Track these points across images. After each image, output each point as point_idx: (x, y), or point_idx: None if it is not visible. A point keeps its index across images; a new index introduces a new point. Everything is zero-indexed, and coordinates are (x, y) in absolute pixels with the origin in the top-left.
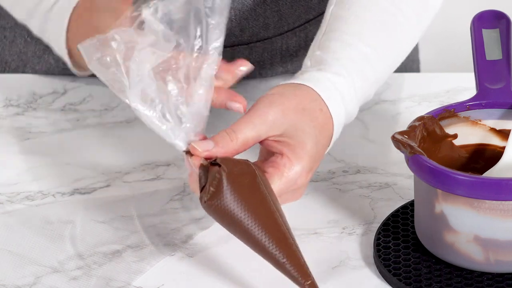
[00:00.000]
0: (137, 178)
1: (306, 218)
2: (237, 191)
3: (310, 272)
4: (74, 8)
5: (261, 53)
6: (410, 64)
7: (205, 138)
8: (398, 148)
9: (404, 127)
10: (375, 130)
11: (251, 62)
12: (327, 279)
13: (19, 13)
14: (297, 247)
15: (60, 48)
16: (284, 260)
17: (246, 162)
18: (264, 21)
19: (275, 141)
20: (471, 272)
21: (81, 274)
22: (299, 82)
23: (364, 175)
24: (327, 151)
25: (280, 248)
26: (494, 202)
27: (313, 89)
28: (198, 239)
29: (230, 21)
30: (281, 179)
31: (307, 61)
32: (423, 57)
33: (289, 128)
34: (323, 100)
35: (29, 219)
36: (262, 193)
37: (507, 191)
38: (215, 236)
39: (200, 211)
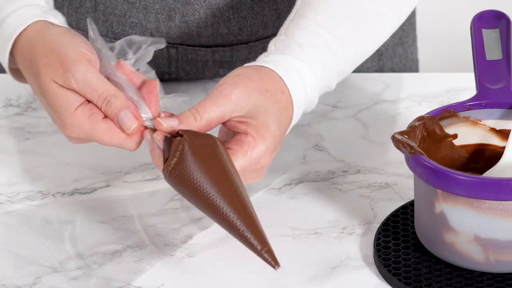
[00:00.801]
0: (137, 178)
1: (306, 218)
2: (198, 160)
3: (268, 240)
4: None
5: (260, 52)
6: (409, 64)
7: (171, 115)
8: (398, 148)
9: (404, 127)
10: (375, 130)
11: (250, 61)
12: (327, 279)
13: None
14: (256, 216)
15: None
16: (243, 228)
17: (208, 134)
18: (262, 20)
19: (238, 121)
20: (471, 272)
21: (81, 274)
22: (262, 64)
23: (364, 175)
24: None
25: (239, 216)
26: (494, 202)
27: (275, 71)
28: (198, 239)
29: (228, 20)
30: (245, 157)
31: (271, 45)
32: (423, 57)
33: (252, 109)
34: (285, 82)
35: (29, 219)
36: (222, 163)
37: (507, 191)
38: (215, 236)
39: (200, 211)
